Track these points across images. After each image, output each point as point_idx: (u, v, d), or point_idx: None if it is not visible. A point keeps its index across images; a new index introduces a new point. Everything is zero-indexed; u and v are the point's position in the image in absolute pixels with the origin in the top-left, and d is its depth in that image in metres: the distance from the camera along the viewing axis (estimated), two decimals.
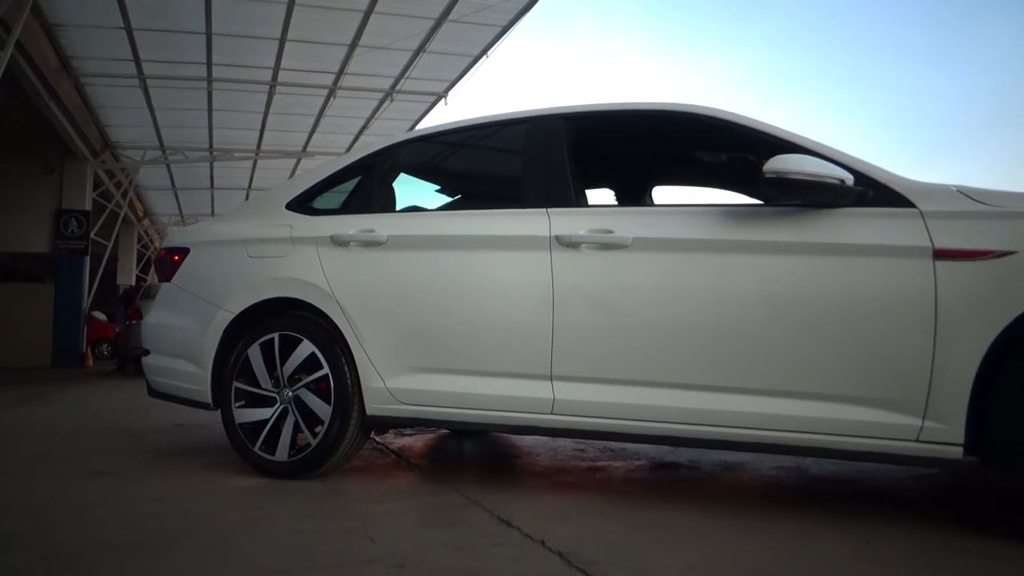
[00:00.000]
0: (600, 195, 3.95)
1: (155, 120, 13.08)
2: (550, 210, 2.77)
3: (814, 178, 2.29)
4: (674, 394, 2.48)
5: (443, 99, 12.66)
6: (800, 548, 2.09)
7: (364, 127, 13.81)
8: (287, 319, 3.12)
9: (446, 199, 3.84)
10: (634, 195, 3.89)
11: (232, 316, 3.16)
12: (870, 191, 2.35)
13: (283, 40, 10.12)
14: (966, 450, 2.14)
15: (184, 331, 3.32)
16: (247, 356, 3.09)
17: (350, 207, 3.28)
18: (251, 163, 16.08)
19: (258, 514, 2.51)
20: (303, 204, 3.33)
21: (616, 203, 3.88)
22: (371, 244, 3.03)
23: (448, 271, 2.88)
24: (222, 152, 14.98)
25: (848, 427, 2.26)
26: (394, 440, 4.16)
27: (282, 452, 3.00)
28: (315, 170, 3.49)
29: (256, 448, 3.04)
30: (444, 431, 4.38)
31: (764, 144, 2.54)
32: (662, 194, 3.94)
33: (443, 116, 13.67)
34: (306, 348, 3.00)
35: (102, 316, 17.11)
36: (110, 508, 2.62)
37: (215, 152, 14.99)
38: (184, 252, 3.47)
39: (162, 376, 3.42)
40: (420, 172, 3.73)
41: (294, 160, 15.79)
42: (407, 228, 3.04)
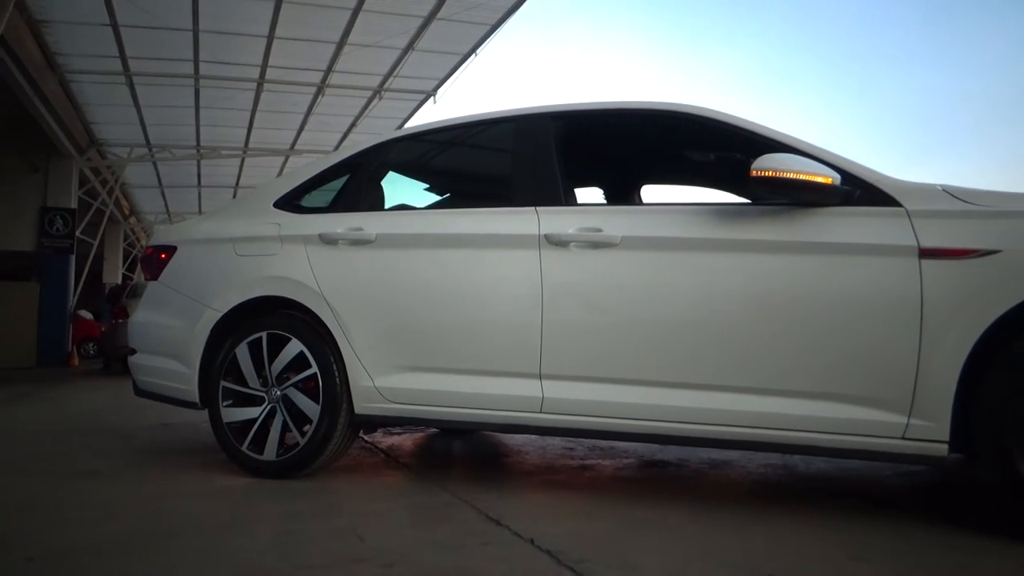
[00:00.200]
0: (589, 194, 3.96)
1: (141, 117, 12.99)
2: (539, 209, 2.78)
3: (801, 177, 2.30)
4: (663, 392, 2.49)
5: (432, 97, 12.63)
6: (788, 545, 2.11)
7: (352, 125, 13.76)
8: (275, 318, 3.11)
9: (435, 197, 3.83)
10: (623, 194, 3.90)
11: (220, 315, 3.15)
12: (857, 190, 2.37)
13: (271, 37, 10.07)
14: (951, 447, 2.16)
15: (171, 330, 3.30)
16: (235, 355, 3.08)
17: (338, 205, 3.27)
18: (239, 161, 15.99)
19: (246, 514, 2.50)
20: (291, 202, 3.32)
21: (605, 202, 3.88)
22: (360, 243, 3.02)
23: (437, 270, 2.87)
24: (209, 150, 14.89)
25: (835, 425, 2.28)
26: (383, 439, 4.15)
27: (270, 451, 2.99)
28: (303, 168, 3.48)
29: (244, 447, 3.03)
30: (433, 430, 4.38)
31: (752, 143, 2.55)
32: (651, 193, 3.96)
33: (432, 114, 13.69)
34: (294, 347, 2.99)
35: (88, 315, 16.98)
36: (97, 508, 2.60)
37: (202, 150, 14.90)
38: (171, 250, 3.45)
39: (149, 375, 3.40)
40: (409, 170, 3.72)
41: (282, 158, 15.72)
42: (396, 227, 3.03)
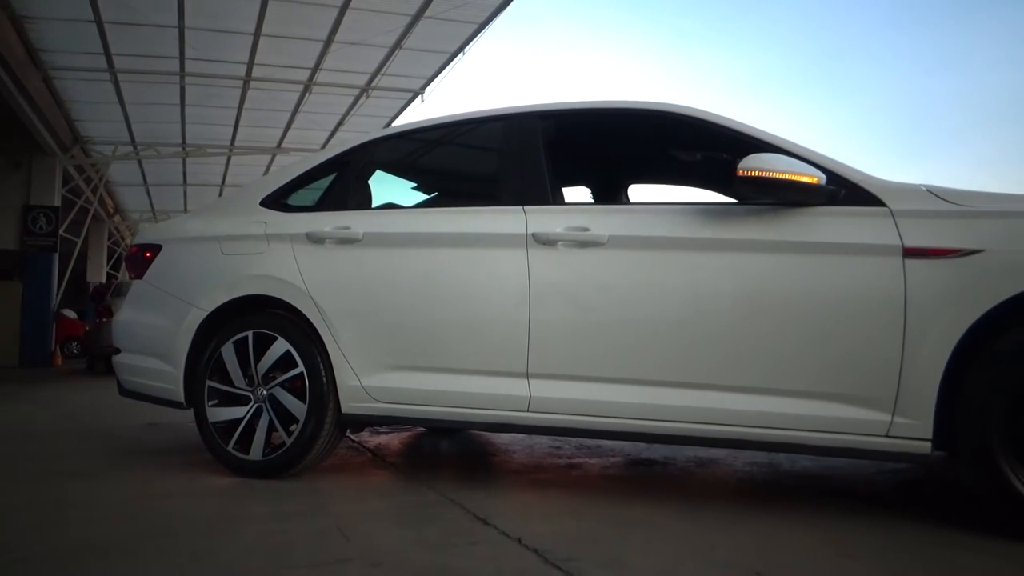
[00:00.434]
0: (577, 193, 3.96)
1: (126, 115, 12.86)
2: (527, 208, 2.78)
3: (787, 177, 2.32)
4: (649, 391, 2.49)
5: (420, 96, 12.58)
6: (774, 542, 2.12)
7: (340, 123, 13.69)
8: (261, 317, 3.10)
9: (422, 196, 3.83)
10: (610, 193, 3.91)
11: (205, 314, 3.13)
12: (842, 190, 2.39)
13: (257, 35, 10.00)
14: (934, 445, 2.18)
15: (156, 329, 3.27)
16: (220, 354, 3.06)
17: (326, 204, 3.25)
18: (225, 159, 15.87)
19: (232, 514, 2.48)
20: (278, 201, 3.30)
21: (592, 201, 3.89)
22: (347, 241, 3.01)
23: (424, 269, 2.87)
24: (195, 148, 14.77)
25: (820, 423, 2.29)
26: (370, 438, 4.14)
27: (256, 451, 2.97)
28: (290, 167, 3.46)
29: (230, 447, 3.01)
30: (420, 429, 4.37)
31: (739, 143, 2.56)
32: (638, 192, 3.97)
33: (420, 113, 13.64)
34: (281, 346, 2.98)
35: (72, 314, 16.81)
36: (82, 509, 2.58)
37: (188, 148, 14.77)
38: (156, 249, 3.43)
39: (134, 375, 3.37)
40: (396, 169, 3.71)
41: (269, 156, 15.61)
42: (383, 225, 3.02)
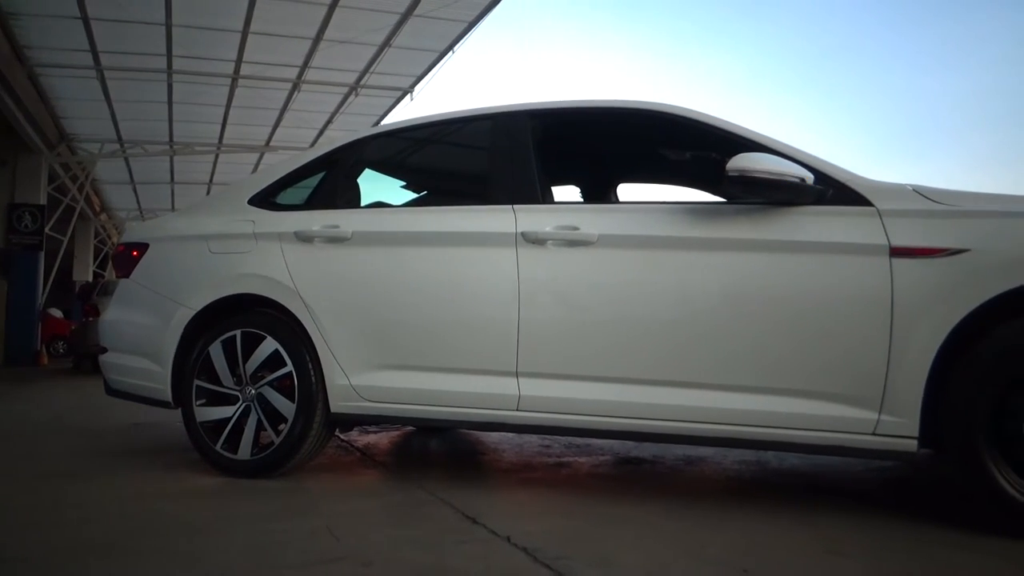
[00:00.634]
0: (566, 192, 3.96)
1: (113, 112, 12.78)
2: (516, 207, 2.78)
3: (775, 176, 2.33)
4: (638, 390, 2.50)
5: (409, 94, 12.56)
6: (763, 540, 2.13)
7: (329, 122, 13.65)
8: (250, 316, 3.09)
9: (412, 195, 3.82)
10: (600, 192, 3.92)
11: (193, 313, 3.11)
12: (830, 190, 2.40)
13: (245, 32, 9.95)
14: (920, 443, 2.20)
15: (143, 328, 3.25)
16: (208, 353, 3.05)
17: (314, 203, 3.24)
18: (213, 157, 15.78)
19: (220, 514, 2.47)
20: (266, 199, 3.29)
21: (582, 200, 3.90)
22: (336, 240, 3.00)
23: (413, 267, 2.87)
24: (183, 146, 14.68)
25: (807, 421, 2.30)
26: (359, 438, 4.13)
27: (244, 451, 2.96)
28: (279, 165, 3.45)
29: (218, 447, 3.00)
30: (409, 428, 4.36)
31: (728, 143, 2.57)
32: (628, 192, 3.98)
33: (409, 111, 13.60)
34: (269, 345, 2.96)
35: (58, 313, 16.69)
36: (68, 510, 2.56)
37: (175, 146, 14.69)
38: (143, 247, 3.40)
39: (120, 374, 3.35)
40: (385, 168, 3.70)
41: (257, 155, 15.55)
42: (372, 224, 3.01)
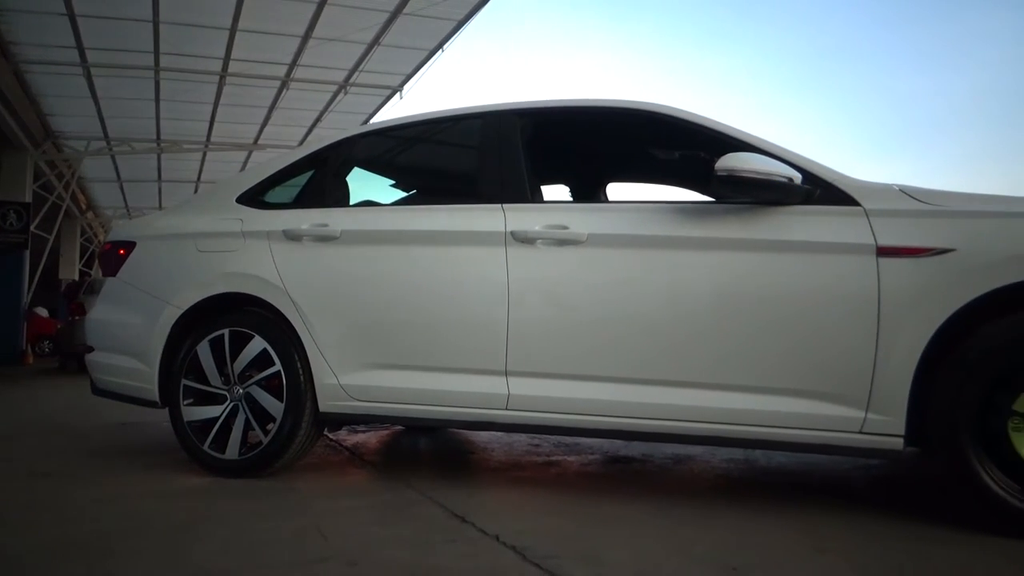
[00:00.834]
0: (556, 191, 3.97)
1: (99, 110, 12.67)
2: (505, 206, 2.78)
3: (763, 176, 2.34)
4: (627, 389, 2.51)
5: (398, 93, 12.52)
6: (753, 537, 2.14)
7: (318, 120, 13.59)
8: (238, 315, 3.07)
9: (401, 194, 3.81)
10: (589, 191, 3.92)
11: (180, 312, 3.09)
12: (817, 190, 2.41)
13: (233, 30, 9.89)
14: (907, 441, 2.22)
15: (130, 327, 3.23)
16: (196, 353, 3.03)
17: (303, 201, 3.23)
18: (200, 155, 15.69)
19: (207, 514, 2.46)
20: (254, 198, 3.27)
21: (571, 199, 3.90)
22: (324, 239, 2.99)
23: (402, 266, 2.86)
24: (170, 144, 14.58)
25: (795, 420, 2.32)
26: (347, 437, 4.12)
27: (232, 450, 2.95)
28: (267, 163, 3.43)
29: (205, 447, 2.98)
30: (398, 427, 4.35)
31: (716, 142, 2.58)
32: (617, 191, 3.99)
33: (398, 110, 13.57)
34: (257, 344, 2.95)
35: (44, 312, 16.54)
36: (54, 510, 2.54)
37: (163, 143, 14.58)
38: (130, 246, 3.38)
39: (107, 374, 3.33)
40: (374, 166, 3.69)
41: (245, 153, 15.47)
42: (361, 223, 3.01)
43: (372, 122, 8.75)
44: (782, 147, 2.52)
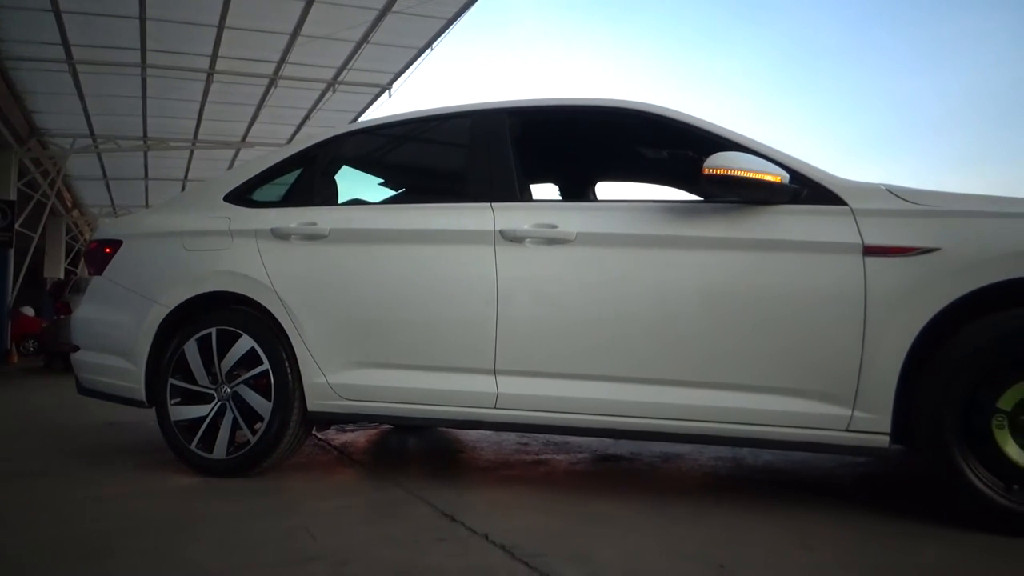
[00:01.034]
0: (545, 190, 3.96)
1: (85, 107, 12.56)
2: (494, 204, 2.78)
3: (751, 176, 2.35)
4: (616, 388, 2.51)
5: (387, 91, 12.49)
6: (738, 535, 2.15)
7: (306, 118, 13.54)
8: (225, 314, 3.06)
9: (389, 192, 3.80)
10: (578, 190, 3.92)
11: (167, 311, 3.08)
12: (805, 189, 2.43)
13: (221, 27, 9.83)
14: (892, 439, 2.24)
15: (116, 326, 3.21)
16: (183, 352, 3.01)
17: (291, 199, 3.22)
18: (187, 153, 15.60)
19: (195, 514, 2.45)
20: (242, 196, 3.26)
21: (560, 198, 3.90)
22: (313, 237, 2.98)
23: (391, 265, 2.85)
24: (157, 141, 14.48)
25: (782, 418, 2.33)
26: (336, 436, 4.10)
27: (220, 450, 2.93)
28: (255, 161, 3.41)
29: (193, 446, 2.97)
30: (387, 426, 4.35)
31: (705, 142, 2.59)
32: (606, 190, 3.99)
33: (387, 108, 13.54)
34: (245, 343, 2.94)
35: (29, 311, 16.40)
36: (41, 510, 2.52)
37: (150, 141, 14.48)
38: (116, 244, 3.36)
39: (93, 373, 3.30)
40: (363, 164, 3.68)
41: (233, 151, 15.38)
42: (349, 221, 3.00)
43: (361, 120, 8.73)
44: (770, 147, 2.53)
